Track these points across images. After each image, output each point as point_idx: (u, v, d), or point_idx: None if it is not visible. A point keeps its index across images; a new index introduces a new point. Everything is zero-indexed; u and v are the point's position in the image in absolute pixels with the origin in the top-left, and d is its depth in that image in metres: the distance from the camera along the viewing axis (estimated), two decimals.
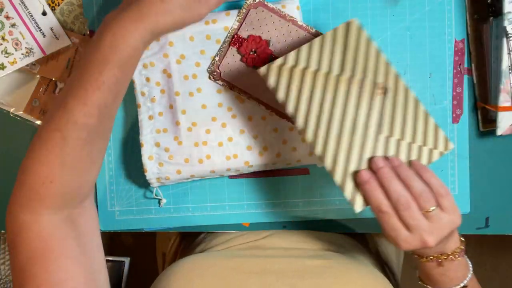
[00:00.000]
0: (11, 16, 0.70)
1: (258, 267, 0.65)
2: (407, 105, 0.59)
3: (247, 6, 0.67)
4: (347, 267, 0.66)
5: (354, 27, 0.61)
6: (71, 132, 0.54)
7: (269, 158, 0.70)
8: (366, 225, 0.76)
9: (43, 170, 0.55)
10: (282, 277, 0.63)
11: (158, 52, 0.70)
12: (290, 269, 0.64)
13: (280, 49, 0.68)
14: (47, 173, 0.54)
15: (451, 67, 0.72)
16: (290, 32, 0.68)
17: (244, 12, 0.68)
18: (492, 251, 1.60)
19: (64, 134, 0.54)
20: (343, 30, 0.61)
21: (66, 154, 0.54)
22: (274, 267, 0.65)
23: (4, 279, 1.23)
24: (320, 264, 0.65)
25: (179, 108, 0.70)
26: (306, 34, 0.67)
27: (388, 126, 0.58)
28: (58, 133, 0.54)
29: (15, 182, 0.58)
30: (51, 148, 0.54)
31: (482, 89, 0.72)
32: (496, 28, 0.69)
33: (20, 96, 0.73)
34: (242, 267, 0.65)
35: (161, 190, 0.75)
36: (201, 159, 0.70)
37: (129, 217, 0.76)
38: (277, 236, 0.75)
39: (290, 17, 0.67)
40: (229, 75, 0.69)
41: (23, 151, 0.75)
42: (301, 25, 0.67)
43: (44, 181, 0.55)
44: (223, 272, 0.64)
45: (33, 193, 0.55)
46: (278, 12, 0.67)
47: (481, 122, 0.72)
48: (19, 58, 0.70)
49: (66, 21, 0.73)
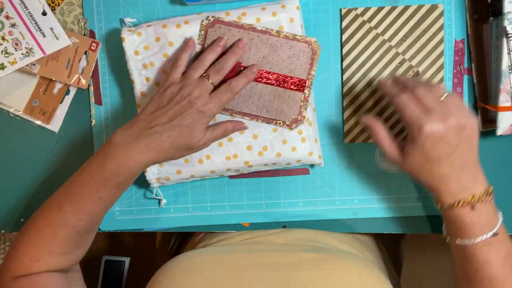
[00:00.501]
0: (11, 16, 0.70)
1: (253, 261, 0.66)
2: None
3: (203, 27, 0.68)
4: (342, 259, 0.66)
5: (438, 11, 0.70)
6: (61, 231, 0.62)
7: (269, 158, 0.70)
8: (366, 225, 0.76)
9: (31, 252, 0.63)
10: (277, 270, 0.64)
11: (158, 52, 0.70)
12: (285, 262, 0.65)
13: (248, 58, 0.69)
14: (35, 254, 0.63)
15: (451, 67, 0.72)
16: (252, 40, 0.68)
17: (202, 34, 0.68)
18: None
19: (55, 230, 0.62)
20: (426, 10, 0.71)
21: (54, 245, 0.63)
22: (270, 261, 0.66)
23: None
24: (315, 257, 0.66)
25: None
26: (268, 36, 0.68)
27: None
28: (50, 228, 0.62)
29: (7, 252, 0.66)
30: (41, 237, 0.63)
31: (482, 89, 0.72)
32: (496, 28, 0.69)
33: (20, 96, 0.73)
34: (238, 262, 0.66)
35: (161, 190, 0.75)
36: (201, 159, 0.70)
37: (129, 217, 0.76)
38: (276, 234, 0.75)
39: (248, 25, 0.68)
40: None
41: (23, 151, 0.76)
42: (261, 29, 0.68)
43: (32, 259, 0.63)
44: (218, 266, 0.65)
45: (20, 264, 0.63)
46: (235, 24, 0.68)
47: (481, 122, 0.72)
48: (19, 58, 0.70)
49: (66, 21, 0.73)
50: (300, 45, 0.68)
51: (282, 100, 0.69)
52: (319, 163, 0.72)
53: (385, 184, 0.74)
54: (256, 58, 0.69)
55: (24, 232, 0.65)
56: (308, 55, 0.69)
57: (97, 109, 0.75)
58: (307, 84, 0.69)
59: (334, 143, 0.74)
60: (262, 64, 0.69)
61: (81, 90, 0.75)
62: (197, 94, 0.62)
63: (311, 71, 0.69)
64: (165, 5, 0.73)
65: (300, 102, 0.69)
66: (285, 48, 0.68)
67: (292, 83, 0.69)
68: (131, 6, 0.73)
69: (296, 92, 0.69)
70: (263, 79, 0.69)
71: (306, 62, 0.69)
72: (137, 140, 0.61)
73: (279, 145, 0.70)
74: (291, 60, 0.69)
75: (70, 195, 0.63)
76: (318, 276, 0.63)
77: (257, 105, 0.69)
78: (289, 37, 0.68)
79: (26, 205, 0.77)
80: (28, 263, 0.63)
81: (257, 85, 0.69)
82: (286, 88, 0.69)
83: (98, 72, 0.74)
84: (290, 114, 0.70)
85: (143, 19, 0.73)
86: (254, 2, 0.72)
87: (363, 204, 0.75)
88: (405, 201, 0.75)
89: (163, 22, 0.70)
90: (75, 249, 0.66)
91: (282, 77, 0.69)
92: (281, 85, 0.69)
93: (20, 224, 0.77)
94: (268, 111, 0.70)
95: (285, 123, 0.70)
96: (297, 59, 0.69)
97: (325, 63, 0.73)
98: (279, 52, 0.68)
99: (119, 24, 0.74)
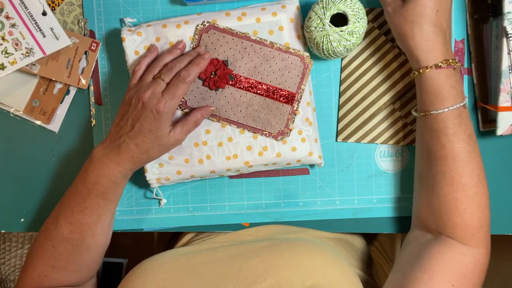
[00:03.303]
0: (11, 16, 0.70)
1: (208, 257, 0.66)
2: None
3: (198, 32, 0.68)
4: (295, 243, 0.66)
5: None
6: (59, 244, 0.67)
7: (269, 158, 0.70)
8: (366, 225, 0.76)
9: (38, 268, 0.68)
10: (230, 261, 0.64)
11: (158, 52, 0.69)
12: (240, 253, 0.66)
13: (240, 66, 0.69)
14: (42, 270, 0.68)
15: None
16: (246, 48, 0.68)
17: (196, 38, 0.68)
18: (492, 251, 1.60)
19: (54, 243, 0.67)
20: None
21: (55, 259, 0.67)
22: (224, 254, 0.66)
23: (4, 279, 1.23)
24: (268, 245, 0.66)
25: None
26: (262, 47, 0.68)
27: None
28: (49, 242, 0.67)
29: None
30: (44, 252, 0.67)
31: (482, 89, 0.72)
32: (496, 28, 0.69)
33: (20, 96, 0.73)
34: (194, 260, 0.66)
35: (161, 190, 0.75)
36: (201, 159, 0.70)
37: (129, 217, 0.76)
38: (247, 232, 0.76)
39: (243, 34, 0.68)
40: (195, 102, 0.70)
41: (23, 151, 0.76)
42: (255, 39, 0.68)
43: (40, 275, 0.68)
44: (176, 267, 0.65)
45: (31, 281, 0.68)
46: (229, 31, 0.68)
47: (481, 122, 0.72)
48: (19, 58, 0.70)
49: (66, 21, 0.73)
50: (292, 58, 0.69)
51: (270, 111, 0.69)
52: (319, 163, 0.72)
53: (385, 184, 0.74)
54: (248, 67, 0.69)
55: (32, 248, 0.69)
56: (300, 69, 0.69)
57: (97, 109, 0.75)
58: (296, 98, 0.69)
59: (334, 143, 0.74)
60: (253, 73, 0.69)
61: (81, 90, 0.75)
62: (149, 95, 0.63)
63: (302, 85, 0.69)
64: (165, 5, 0.73)
65: (288, 115, 0.70)
66: (278, 60, 0.69)
67: (281, 95, 0.69)
68: (131, 6, 0.73)
69: (285, 104, 0.69)
70: (253, 89, 0.69)
71: (297, 76, 0.69)
72: (112, 152, 0.64)
73: (279, 145, 0.70)
74: (283, 72, 0.69)
75: (63, 208, 0.67)
76: (269, 260, 0.63)
77: (245, 114, 0.70)
78: (282, 49, 0.68)
79: (26, 205, 0.77)
80: (38, 279, 0.68)
81: (247, 94, 0.69)
82: (275, 100, 0.69)
83: (98, 72, 0.74)
84: (276, 126, 0.70)
85: (143, 19, 0.73)
86: (254, 2, 0.72)
87: (363, 204, 0.75)
88: (405, 201, 0.75)
89: (163, 22, 0.70)
90: (79, 267, 0.69)
91: (272, 88, 0.69)
92: (270, 96, 0.69)
93: (20, 224, 0.77)
94: (255, 121, 0.70)
95: (271, 134, 0.70)
96: (288, 72, 0.69)
97: (326, 62, 0.73)
98: (271, 63, 0.69)
99: (119, 24, 0.74)
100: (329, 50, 0.65)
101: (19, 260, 1.24)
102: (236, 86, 0.69)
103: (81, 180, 0.66)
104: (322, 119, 0.74)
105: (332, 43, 0.64)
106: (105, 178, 0.64)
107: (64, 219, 0.66)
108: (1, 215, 0.77)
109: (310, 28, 0.65)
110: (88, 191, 0.65)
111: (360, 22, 0.64)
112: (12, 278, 1.23)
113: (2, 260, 1.22)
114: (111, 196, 0.66)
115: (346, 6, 0.64)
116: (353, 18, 0.64)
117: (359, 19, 0.64)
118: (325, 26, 0.64)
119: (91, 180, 0.65)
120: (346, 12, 0.64)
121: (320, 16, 0.64)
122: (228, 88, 0.69)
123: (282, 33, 0.69)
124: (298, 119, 0.70)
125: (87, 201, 0.65)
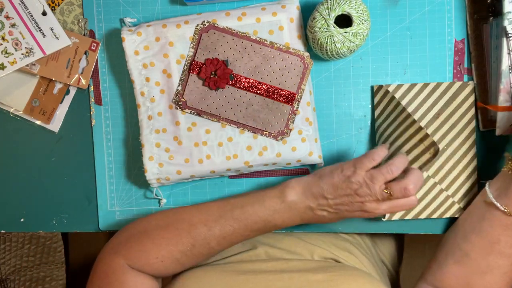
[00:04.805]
0: (11, 16, 0.70)
1: (262, 285, 0.65)
2: None
3: (198, 31, 0.68)
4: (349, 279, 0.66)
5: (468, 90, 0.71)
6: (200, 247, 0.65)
7: (269, 158, 0.70)
8: (366, 225, 0.76)
9: (162, 251, 0.65)
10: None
11: (158, 52, 0.70)
12: (294, 286, 0.65)
13: (240, 66, 0.69)
14: (164, 255, 0.65)
15: (451, 67, 0.72)
16: (246, 48, 0.68)
17: (196, 38, 0.68)
18: None
19: (194, 243, 0.65)
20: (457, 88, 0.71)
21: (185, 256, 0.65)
22: (278, 285, 0.65)
23: (4, 279, 1.23)
24: (323, 279, 0.65)
25: None
26: (262, 46, 0.68)
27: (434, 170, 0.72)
28: (191, 239, 0.64)
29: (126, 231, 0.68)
30: (178, 243, 0.65)
31: (482, 89, 0.72)
32: (496, 28, 0.69)
33: (20, 96, 0.73)
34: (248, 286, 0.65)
35: (161, 190, 0.75)
36: (201, 159, 0.70)
37: (129, 217, 0.76)
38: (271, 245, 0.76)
39: (243, 34, 0.68)
40: (195, 102, 0.70)
41: (23, 151, 0.76)
42: (255, 39, 0.68)
43: (158, 257, 0.65)
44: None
45: (143, 259, 0.65)
46: (229, 31, 0.68)
47: (481, 122, 0.72)
48: (19, 58, 0.70)
49: (66, 21, 0.73)
50: (292, 58, 0.69)
51: (270, 111, 0.69)
52: (319, 163, 0.72)
53: None
54: (247, 67, 0.69)
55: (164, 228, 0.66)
56: (300, 69, 0.69)
57: (97, 109, 0.75)
58: (296, 97, 0.69)
59: (334, 143, 0.74)
60: (253, 73, 0.69)
61: (81, 90, 0.75)
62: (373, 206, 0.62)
63: (302, 85, 0.69)
64: (165, 5, 0.73)
65: (287, 115, 0.70)
66: (278, 60, 0.69)
67: (281, 95, 0.69)
68: (131, 6, 0.73)
69: (285, 104, 0.69)
70: (253, 89, 0.69)
71: (297, 76, 0.69)
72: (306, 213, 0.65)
73: (279, 145, 0.70)
74: (283, 72, 0.69)
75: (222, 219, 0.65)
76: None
77: (245, 114, 0.70)
78: (282, 49, 0.68)
79: (26, 205, 0.77)
80: (153, 261, 0.65)
81: (247, 94, 0.69)
82: (275, 100, 0.69)
83: (98, 72, 0.74)
84: (276, 126, 0.70)
85: (143, 19, 0.73)
86: (254, 2, 0.72)
87: None
88: None
89: (163, 22, 0.70)
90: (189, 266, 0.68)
91: (272, 88, 0.69)
92: (270, 96, 0.69)
93: (20, 224, 0.77)
94: (255, 121, 0.70)
95: (271, 134, 0.70)
96: (288, 72, 0.69)
97: (326, 63, 0.73)
98: (271, 63, 0.69)
99: (119, 24, 0.74)
100: (333, 51, 0.65)
101: (19, 260, 1.23)
102: (236, 86, 0.69)
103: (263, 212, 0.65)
104: (322, 119, 0.74)
105: (336, 44, 0.64)
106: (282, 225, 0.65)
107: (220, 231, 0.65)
108: (1, 215, 0.77)
109: (314, 28, 0.65)
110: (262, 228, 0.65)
111: (365, 24, 0.64)
112: (12, 278, 1.23)
113: (2, 260, 1.22)
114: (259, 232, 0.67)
115: (351, 7, 0.64)
116: (358, 20, 0.64)
117: (363, 21, 0.64)
118: (330, 27, 0.64)
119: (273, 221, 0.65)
120: (351, 13, 0.64)
121: (325, 16, 0.64)
122: (228, 88, 0.69)
123: (282, 33, 0.69)
124: (298, 119, 0.70)
125: (252, 233, 0.66)
